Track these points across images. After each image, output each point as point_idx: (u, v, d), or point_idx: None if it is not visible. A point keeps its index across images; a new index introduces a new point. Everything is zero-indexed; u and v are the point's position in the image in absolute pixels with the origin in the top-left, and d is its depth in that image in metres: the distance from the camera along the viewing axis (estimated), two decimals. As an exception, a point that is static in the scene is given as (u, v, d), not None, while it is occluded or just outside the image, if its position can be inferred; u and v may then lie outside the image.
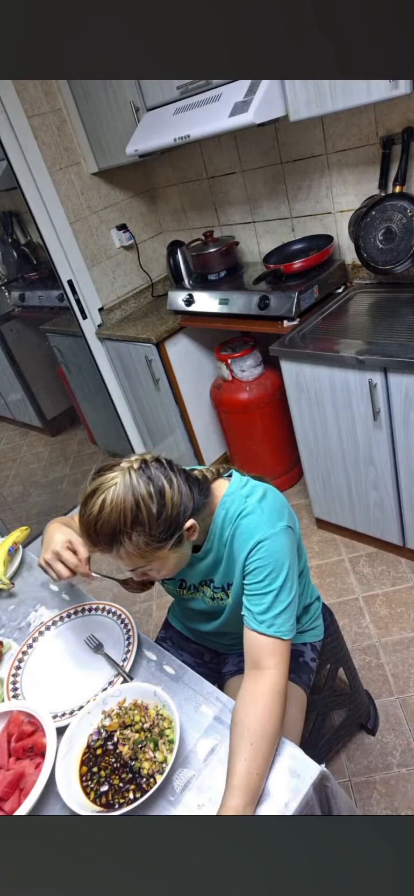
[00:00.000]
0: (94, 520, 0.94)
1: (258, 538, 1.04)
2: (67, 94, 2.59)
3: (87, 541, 0.98)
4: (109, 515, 0.93)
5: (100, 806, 0.94)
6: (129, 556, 0.97)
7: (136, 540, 0.95)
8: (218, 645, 1.39)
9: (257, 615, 1.03)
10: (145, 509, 0.94)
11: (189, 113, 2.12)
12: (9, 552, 1.57)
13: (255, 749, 0.91)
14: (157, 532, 0.96)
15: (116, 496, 0.93)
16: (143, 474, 0.96)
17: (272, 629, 1.01)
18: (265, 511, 1.06)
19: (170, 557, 1.02)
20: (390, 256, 2.05)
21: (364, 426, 1.99)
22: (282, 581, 1.03)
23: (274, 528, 1.05)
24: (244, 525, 1.06)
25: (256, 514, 1.06)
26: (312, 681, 1.35)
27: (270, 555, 1.03)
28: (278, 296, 2.25)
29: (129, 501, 0.93)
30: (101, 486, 0.95)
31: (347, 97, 1.72)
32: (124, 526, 0.93)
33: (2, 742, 1.06)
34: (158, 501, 0.96)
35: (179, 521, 1.00)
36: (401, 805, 1.56)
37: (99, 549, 0.97)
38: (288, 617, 1.03)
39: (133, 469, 0.96)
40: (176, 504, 0.98)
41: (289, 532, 1.07)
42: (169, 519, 0.97)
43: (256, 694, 0.97)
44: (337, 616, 1.57)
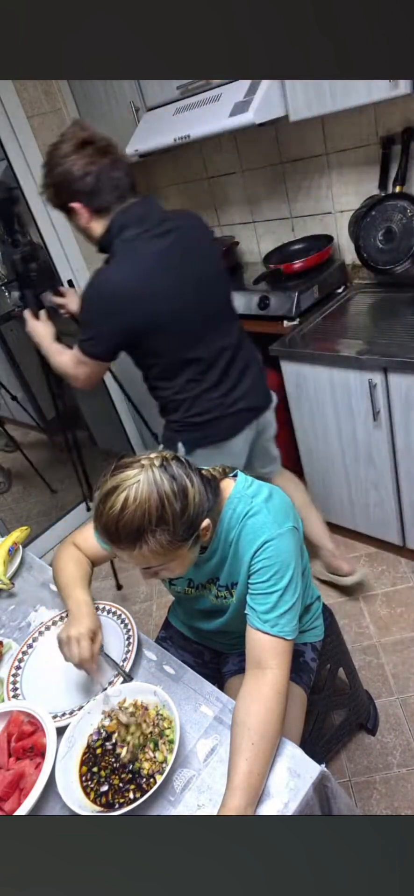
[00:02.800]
0: (115, 517, 0.91)
1: (265, 538, 1.04)
2: (67, 94, 2.59)
3: (106, 538, 0.96)
4: (134, 513, 0.91)
5: (100, 806, 0.94)
6: (152, 554, 0.95)
7: (160, 538, 0.93)
8: (219, 644, 1.39)
9: (261, 614, 1.03)
10: (169, 508, 0.92)
11: (189, 113, 2.12)
12: (9, 552, 1.57)
13: (256, 749, 0.91)
14: (180, 531, 0.95)
15: (140, 493, 0.91)
16: (165, 472, 0.94)
17: (276, 629, 1.01)
18: (272, 511, 1.06)
19: (187, 556, 1.02)
20: (390, 256, 2.05)
21: (364, 426, 1.99)
22: (287, 581, 1.03)
23: (281, 528, 1.05)
24: (251, 525, 1.06)
25: (262, 513, 1.06)
26: (313, 681, 1.35)
27: (277, 555, 1.03)
28: (278, 296, 2.25)
29: (154, 499, 0.91)
30: (123, 483, 0.92)
31: (347, 97, 1.72)
32: (149, 524, 0.91)
33: (2, 742, 1.06)
34: (182, 500, 0.94)
35: (199, 521, 0.99)
36: (401, 805, 1.56)
37: (119, 546, 0.95)
38: (292, 617, 1.03)
39: (155, 466, 0.94)
40: (198, 504, 0.97)
41: (295, 532, 1.07)
42: (190, 518, 0.96)
43: (258, 694, 0.97)
44: (337, 616, 1.57)
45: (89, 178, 1.45)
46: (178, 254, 1.52)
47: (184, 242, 1.54)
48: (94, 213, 1.50)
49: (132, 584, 2.62)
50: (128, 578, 2.64)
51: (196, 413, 1.64)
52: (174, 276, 1.51)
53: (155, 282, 1.48)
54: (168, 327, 1.52)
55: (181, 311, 1.53)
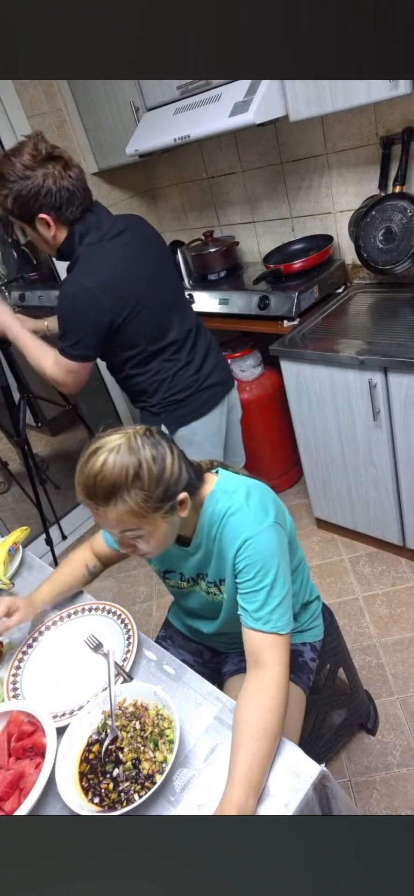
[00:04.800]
0: (94, 474, 0.96)
1: (245, 536, 1.05)
2: (67, 94, 2.59)
3: (84, 496, 1.00)
4: (112, 470, 0.96)
5: (100, 806, 0.94)
6: (127, 515, 0.98)
7: (135, 497, 0.97)
8: (218, 644, 1.39)
9: (253, 613, 1.03)
10: (147, 470, 0.97)
11: (189, 113, 2.12)
12: (9, 552, 1.57)
13: (256, 745, 0.91)
14: (155, 494, 0.99)
15: (120, 454, 0.97)
16: (147, 439, 1.00)
17: (269, 625, 1.02)
18: (251, 508, 1.07)
19: (161, 525, 1.04)
20: (390, 256, 2.05)
21: (364, 426, 1.99)
22: (273, 576, 1.03)
23: (261, 525, 1.05)
24: (231, 523, 1.07)
25: (241, 512, 1.06)
26: (312, 681, 1.35)
27: (258, 552, 1.04)
28: (278, 296, 2.25)
29: (132, 460, 0.96)
30: (106, 444, 0.98)
31: (347, 97, 1.72)
32: (126, 482, 0.96)
33: (2, 742, 1.06)
34: (160, 465, 0.99)
35: (176, 490, 1.02)
36: (401, 805, 1.56)
37: (96, 502, 0.98)
38: (284, 611, 1.03)
39: (138, 434, 1.00)
40: (175, 472, 1.02)
41: (276, 527, 1.07)
42: (167, 483, 1.00)
43: (258, 691, 0.98)
44: (337, 616, 1.57)
45: (63, 193, 1.51)
46: (136, 249, 1.63)
47: (138, 239, 1.66)
48: (60, 224, 1.56)
49: (132, 583, 2.62)
50: (128, 578, 2.64)
51: (176, 391, 1.72)
52: (138, 268, 1.62)
53: (123, 275, 1.58)
54: (142, 314, 1.61)
55: (150, 299, 1.62)
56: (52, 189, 1.49)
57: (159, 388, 1.71)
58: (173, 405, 1.73)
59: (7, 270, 3.30)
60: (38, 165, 1.47)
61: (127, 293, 1.57)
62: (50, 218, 1.52)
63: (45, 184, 1.48)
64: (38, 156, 1.47)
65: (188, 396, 1.73)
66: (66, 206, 1.52)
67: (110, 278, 1.55)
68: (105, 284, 1.54)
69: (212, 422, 1.80)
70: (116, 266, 1.57)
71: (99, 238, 1.57)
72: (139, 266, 1.62)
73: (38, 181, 1.47)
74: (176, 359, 1.71)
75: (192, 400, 1.74)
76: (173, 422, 1.74)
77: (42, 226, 1.55)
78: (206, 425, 1.78)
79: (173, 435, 1.73)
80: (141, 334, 1.63)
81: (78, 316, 1.57)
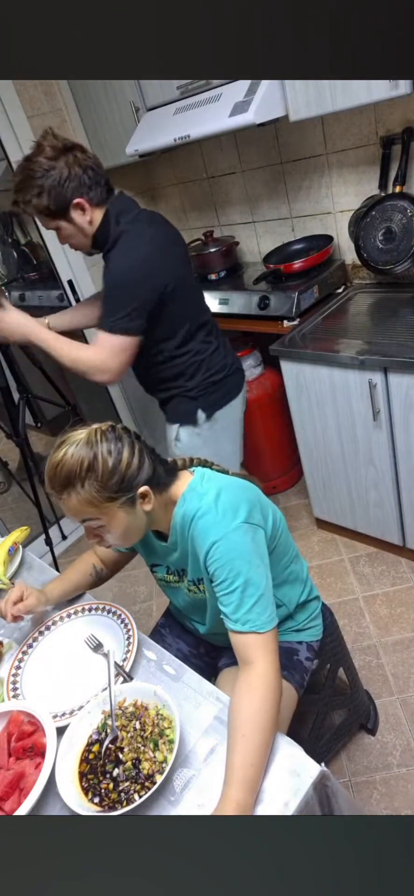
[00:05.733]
0: (55, 464, 1.03)
1: (212, 539, 1.05)
2: (67, 94, 2.59)
3: (48, 485, 1.06)
4: (69, 461, 1.02)
5: (100, 806, 0.94)
6: (82, 504, 1.04)
7: (89, 488, 1.02)
8: (216, 641, 1.39)
9: (231, 615, 1.04)
10: (102, 462, 1.02)
11: (189, 113, 2.12)
12: (9, 552, 1.57)
13: (247, 741, 0.92)
14: (110, 485, 1.03)
15: (79, 447, 1.03)
16: (107, 435, 1.05)
17: (247, 625, 1.02)
18: (219, 510, 1.07)
19: (119, 516, 1.06)
20: (390, 256, 2.05)
21: (364, 426, 1.99)
22: (245, 577, 1.03)
23: (228, 527, 1.05)
24: (199, 527, 1.08)
25: (210, 514, 1.07)
26: (306, 680, 1.34)
27: (226, 553, 1.04)
28: (278, 296, 2.25)
29: (87, 453, 1.02)
30: (69, 438, 1.05)
31: (347, 97, 1.72)
32: (80, 473, 1.01)
33: (2, 742, 1.06)
34: (115, 458, 1.04)
35: (133, 483, 1.06)
36: (401, 805, 1.56)
37: (55, 492, 1.05)
38: (262, 609, 1.03)
39: (100, 430, 1.06)
40: (132, 466, 1.05)
41: (246, 527, 1.06)
42: (123, 475, 1.04)
43: (247, 689, 0.98)
44: (337, 616, 1.57)
45: (89, 173, 1.54)
46: (167, 232, 1.69)
47: (164, 226, 1.71)
48: (94, 206, 1.58)
49: (132, 583, 2.62)
50: (128, 578, 2.64)
51: (214, 371, 1.78)
52: (173, 249, 1.67)
53: (165, 251, 1.63)
54: (184, 290, 1.66)
55: (188, 277, 1.70)
56: (79, 173, 1.52)
57: (199, 369, 1.75)
58: (211, 387, 1.78)
59: (7, 270, 3.30)
60: (60, 155, 1.50)
61: (170, 265, 1.61)
62: (84, 200, 1.55)
63: (72, 170, 1.51)
64: (57, 147, 1.50)
65: (223, 378, 1.79)
66: (94, 186, 1.56)
67: (155, 249, 1.58)
68: (159, 247, 1.59)
69: (240, 404, 1.89)
70: (157, 241, 1.61)
71: (134, 217, 1.61)
72: (172, 247, 1.67)
73: (64, 170, 1.50)
74: (210, 341, 1.77)
75: (226, 382, 1.81)
76: (210, 405, 1.79)
77: (78, 213, 1.56)
78: (235, 408, 1.86)
79: (210, 419, 1.79)
80: (187, 309, 1.68)
81: (137, 284, 1.57)
